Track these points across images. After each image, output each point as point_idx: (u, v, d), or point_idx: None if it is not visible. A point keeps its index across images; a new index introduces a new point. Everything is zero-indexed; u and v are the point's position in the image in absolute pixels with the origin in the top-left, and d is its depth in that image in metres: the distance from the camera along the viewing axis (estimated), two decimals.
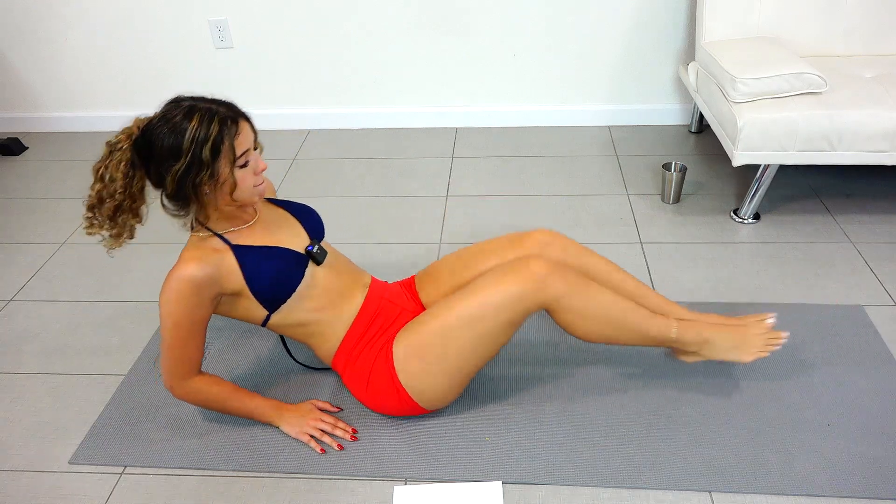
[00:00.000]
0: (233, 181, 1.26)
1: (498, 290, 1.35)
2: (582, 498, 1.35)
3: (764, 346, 1.46)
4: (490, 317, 1.35)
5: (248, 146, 1.27)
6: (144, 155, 1.26)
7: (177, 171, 1.22)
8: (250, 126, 1.29)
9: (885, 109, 1.92)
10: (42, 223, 2.37)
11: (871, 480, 1.35)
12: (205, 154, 1.21)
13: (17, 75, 2.91)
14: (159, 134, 1.22)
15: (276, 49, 2.78)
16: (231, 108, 1.26)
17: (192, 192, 1.26)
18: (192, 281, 1.28)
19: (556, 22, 2.64)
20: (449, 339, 1.37)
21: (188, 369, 1.38)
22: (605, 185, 2.43)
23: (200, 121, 1.21)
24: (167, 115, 1.23)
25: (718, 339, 1.46)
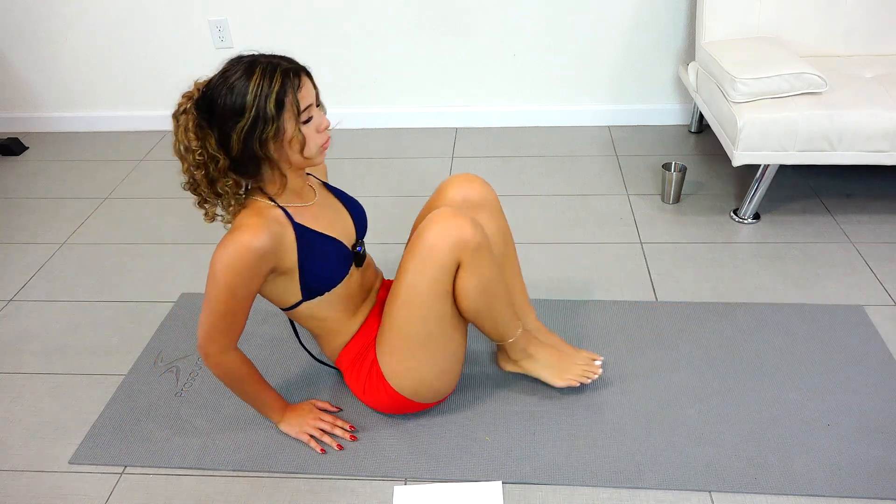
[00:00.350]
0: (301, 137, 1.21)
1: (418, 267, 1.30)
2: (582, 498, 1.36)
3: (578, 376, 1.52)
4: (427, 295, 1.31)
5: (310, 101, 1.22)
6: (208, 115, 1.19)
7: (242, 127, 1.16)
8: (311, 81, 1.24)
9: (885, 109, 1.92)
10: (42, 223, 2.37)
11: (871, 480, 1.35)
12: (269, 108, 1.15)
13: (17, 75, 2.91)
14: (221, 91, 1.17)
15: (276, 49, 2.77)
16: (292, 62, 1.21)
17: (259, 149, 1.19)
18: (256, 249, 1.21)
19: (556, 22, 2.64)
20: (405, 332, 1.35)
21: (231, 340, 1.31)
22: (605, 185, 2.43)
23: (263, 74, 1.16)
24: (227, 72, 1.18)
25: (541, 355, 1.52)
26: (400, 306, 1.34)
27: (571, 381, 1.51)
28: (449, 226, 1.28)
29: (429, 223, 1.30)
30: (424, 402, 1.47)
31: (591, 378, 1.52)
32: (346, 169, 2.63)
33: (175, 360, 1.73)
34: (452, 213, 1.30)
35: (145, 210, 2.42)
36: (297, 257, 1.29)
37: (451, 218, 1.29)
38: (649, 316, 1.80)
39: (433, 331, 1.35)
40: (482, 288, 1.33)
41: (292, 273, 1.31)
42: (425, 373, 1.40)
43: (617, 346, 1.70)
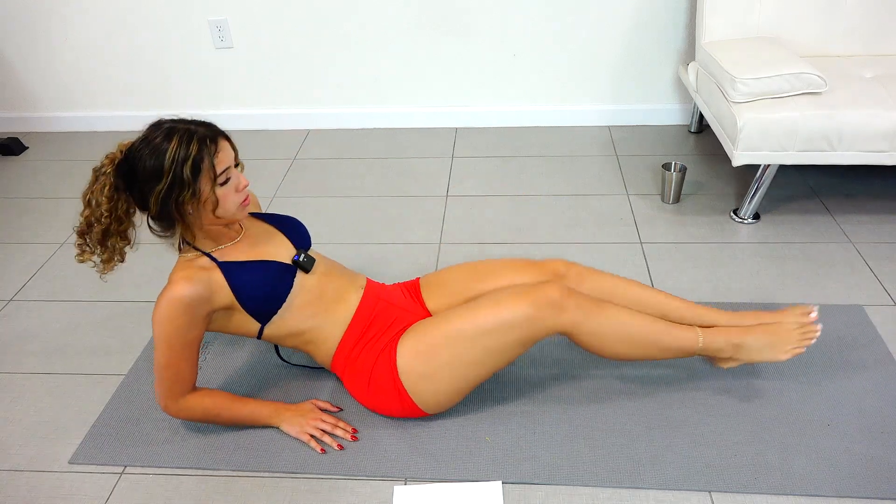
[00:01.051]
0: (215, 199, 1.29)
1: (513, 308, 1.36)
2: (582, 498, 1.35)
3: (798, 342, 1.44)
4: (502, 333, 1.36)
5: (228, 164, 1.29)
6: (128, 178, 1.29)
7: (159, 191, 1.25)
8: (230, 144, 1.32)
9: (885, 109, 1.92)
10: (42, 223, 2.37)
11: (871, 480, 1.35)
12: (185, 173, 1.24)
13: (17, 75, 2.91)
14: (141, 156, 1.26)
15: (276, 49, 2.78)
16: (210, 128, 1.29)
17: (175, 211, 1.29)
18: (182, 301, 1.30)
19: (556, 22, 2.64)
20: (457, 348, 1.37)
21: (182, 388, 1.39)
22: (605, 185, 2.43)
23: (180, 141, 1.24)
24: (148, 137, 1.27)
25: (750, 341, 1.45)
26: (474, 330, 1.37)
27: (796, 351, 1.43)
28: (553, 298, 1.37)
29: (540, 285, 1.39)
30: (425, 411, 1.47)
31: (812, 338, 1.45)
32: (346, 169, 2.63)
33: None
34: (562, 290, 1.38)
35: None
36: (232, 291, 1.36)
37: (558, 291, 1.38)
38: None
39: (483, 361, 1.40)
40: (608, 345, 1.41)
41: (235, 306, 1.38)
42: (444, 388, 1.42)
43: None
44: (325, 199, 2.43)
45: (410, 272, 2.02)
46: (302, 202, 2.42)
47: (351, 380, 1.48)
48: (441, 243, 2.16)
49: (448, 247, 2.14)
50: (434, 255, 2.10)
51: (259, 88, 2.89)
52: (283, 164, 2.68)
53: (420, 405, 1.44)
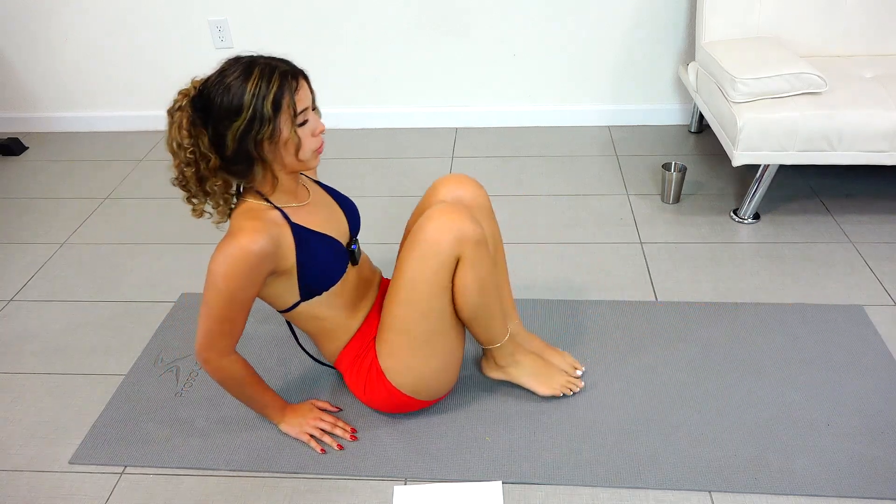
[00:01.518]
0: (297, 139, 1.21)
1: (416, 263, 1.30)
2: (582, 498, 1.35)
3: (562, 387, 1.54)
4: (426, 292, 1.31)
5: (307, 104, 1.22)
6: (203, 114, 1.19)
7: (238, 127, 1.16)
8: (308, 85, 1.24)
9: (885, 109, 1.92)
10: (42, 223, 2.37)
11: (871, 480, 1.35)
12: (266, 108, 1.15)
13: (17, 75, 2.91)
14: (218, 90, 1.16)
15: (276, 49, 2.78)
16: (290, 65, 1.21)
17: (254, 150, 1.20)
18: (255, 253, 1.20)
19: (556, 22, 2.64)
20: (405, 329, 1.35)
21: (229, 344, 1.30)
22: (605, 185, 2.43)
23: (261, 75, 1.16)
24: (225, 71, 1.18)
25: (526, 363, 1.54)
26: (399, 303, 1.34)
27: (556, 391, 1.54)
28: (449, 220, 1.28)
29: (428, 218, 1.30)
30: (423, 400, 1.47)
31: (573, 390, 1.55)
32: (346, 169, 2.63)
33: (175, 360, 1.73)
34: (452, 209, 1.30)
35: (145, 210, 2.42)
36: (296, 258, 1.29)
37: (450, 213, 1.29)
38: (649, 316, 1.80)
39: (433, 327, 1.36)
40: (480, 285, 1.34)
41: (291, 274, 1.30)
42: (425, 370, 1.40)
43: (617, 345, 1.70)
44: None
45: None
46: None
47: (351, 379, 1.48)
48: None
49: None
50: None
51: None
52: None
53: (415, 396, 1.44)
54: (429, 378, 1.42)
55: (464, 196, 1.49)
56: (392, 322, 1.36)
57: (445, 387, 1.48)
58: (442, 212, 1.30)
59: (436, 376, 1.43)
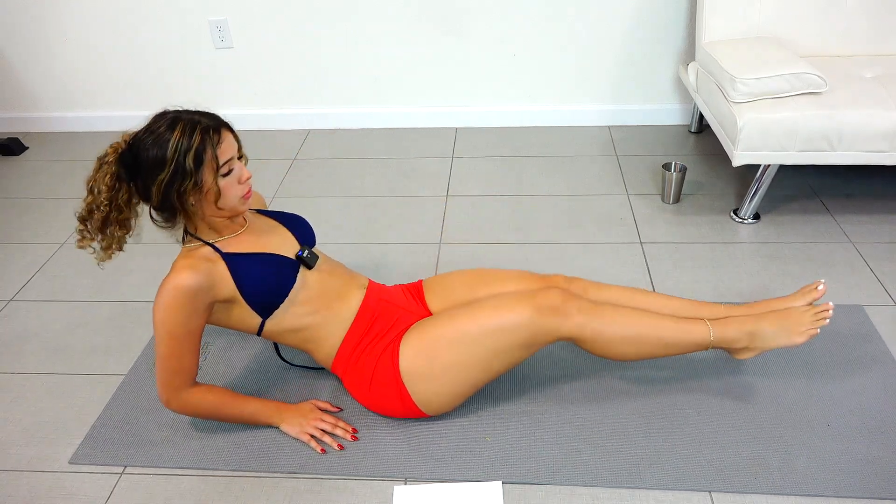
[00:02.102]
0: (217, 189, 1.29)
1: (515, 310, 1.36)
2: (582, 498, 1.35)
3: (812, 324, 1.42)
4: (504, 335, 1.36)
5: (231, 155, 1.30)
6: (131, 167, 1.29)
7: (161, 180, 1.25)
8: (233, 135, 1.32)
9: (885, 109, 1.92)
10: (42, 223, 2.37)
11: (871, 480, 1.35)
12: (188, 163, 1.24)
13: (17, 75, 2.91)
14: (144, 146, 1.26)
15: (276, 49, 2.78)
16: (213, 118, 1.30)
17: (177, 201, 1.29)
18: (185, 289, 1.30)
19: (556, 22, 2.64)
20: (460, 349, 1.37)
21: (183, 380, 1.38)
22: (605, 185, 2.43)
23: (183, 131, 1.24)
24: (151, 127, 1.27)
25: (764, 327, 1.43)
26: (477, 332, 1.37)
27: (811, 332, 1.41)
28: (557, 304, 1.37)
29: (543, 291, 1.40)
30: (426, 412, 1.47)
31: (826, 318, 1.42)
32: (346, 169, 2.63)
33: None
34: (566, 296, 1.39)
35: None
36: (234, 282, 1.35)
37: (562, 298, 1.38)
38: None
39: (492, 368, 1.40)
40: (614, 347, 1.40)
41: (237, 298, 1.37)
42: (446, 390, 1.42)
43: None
44: (325, 199, 2.43)
45: (411, 272, 2.02)
46: (302, 202, 2.42)
47: (352, 380, 1.48)
48: (441, 243, 2.16)
49: (448, 247, 2.14)
50: (434, 255, 2.09)
51: (259, 88, 2.89)
52: (284, 164, 2.68)
53: (421, 406, 1.44)
54: (445, 396, 1.44)
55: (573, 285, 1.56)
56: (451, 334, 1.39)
57: (450, 407, 1.49)
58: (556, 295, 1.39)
59: (450, 398, 1.45)
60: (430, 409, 1.45)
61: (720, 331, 1.43)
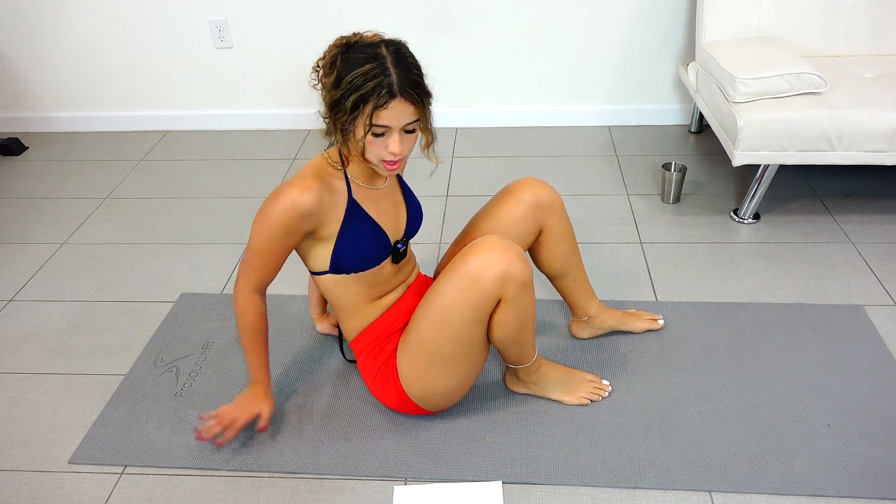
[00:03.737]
0: (362, 144, 1.22)
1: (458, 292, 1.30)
2: (582, 498, 1.35)
3: (589, 395, 1.55)
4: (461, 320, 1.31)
5: (391, 123, 1.19)
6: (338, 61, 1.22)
7: (333, 95, 1.21)
8: (413, 108, 1.20)
9: (885, 109, 1.92)
10: (42, 223, 2.37)
11: (871, 480, 1.35)
12: (349, 101, 1.18)
13: (17, 75, 2.91)
14: (345, 56, 1.20)
15: (276, 49, 2.78)
16: (404, 78, 1.18)
17: (334, 121, 1.24)
18: (298, 208, 1.25)
19: (556, 22, 2.64)
20: (430, 346, 1.36)
21: (256, 279, 1.35)
22: (605, 185, 2.43)
23: (366, 73, 1.16)
24: (361, 43, 1.21)
25: (551, 374, 1.54)
26: (431, 322, 1.34)
27: (583, 399, 1.54)
28: (498, 258, 1.27)
29: (475, 250, 1.29)
30: (428, 410, 1.48)
31: (600, 396, 1.55)
32: None
33: (175, 360, 1.73)
34: (502, 245, 1.28)
35: (145, 210, 2.42)
36: (339, 229, 1.32)
37: (501, 250, 1.28)
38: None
39: (458, 353, 1.37)
40: (520, 322, 1.35)
41: (328, 241, 1.33)
42: (440, 387, 1.41)
43: (617, 346, 1.70)
44: None
45: None
46: None
47: (363, 364, 1.48)
48: (441, 243, 2.16)
49: (448, 246, 2.13)
50: (434, 255, 2.09)
51: (259, 88, 2.88)
52: (284, 165, 2.68)
53: (423, 406, 1.45)
54: (441, 394, 1.43)
55: (543, 198, 1.52)
56: (418, 336, 1.36)
57: (454, 402, 1.49)
58: (491, 246, 1.28)
59: (448, 395, 1.44)
60: (430, 406, 1.46)
61: (535, 360, 1.50)
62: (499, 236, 1.32)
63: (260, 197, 2.46)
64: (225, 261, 2.12)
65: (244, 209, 2.39)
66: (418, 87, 1.20)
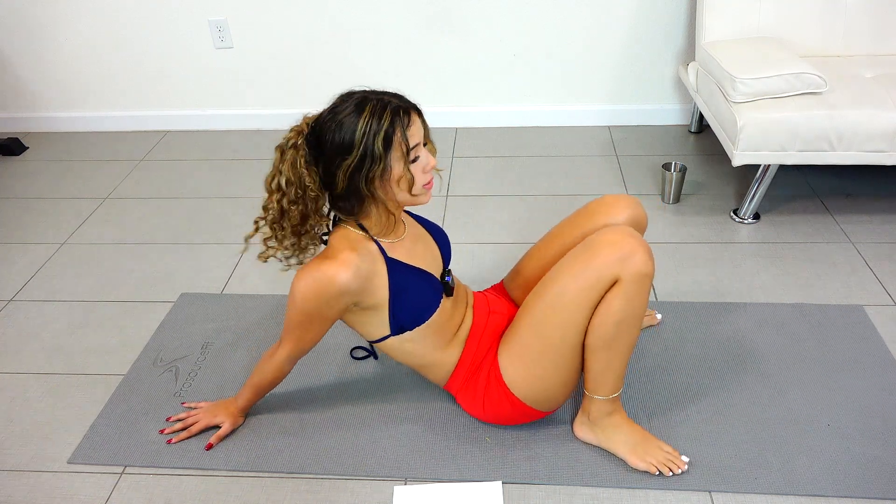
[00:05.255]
0: (410, 176, 1.18)
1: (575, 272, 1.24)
2: (582, 498, 1.35)
3: (659, 463, 1.37)
4: (574, 302, 1.24)
5: (418, 140, 1.19)
6: (316, 151, 1.19)
7: (349, 165, 1.15)
8: (422, 119, 1.22)
9: (885, 109, 1.92)
10: (42, 223, 2.37)
11: (871, 480, 1.35)
12: (377, 146, 1.14)
13: (17, 75, 2.91)
14: (330, 127, 1.16)
15: (276, 49, 2.78)
16: (402, 99, 1.20)
17: (364, 187, 1.18)
18: (338, 286, 1.20)
19: (556, 22, 2.64)
20: (541, 335, 1.29)
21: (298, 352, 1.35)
22: (605, 185, 2.43)
23: (372, 112, 1.14)
24: (337, 108, 1.18)
25: (625, 427, 1.40)
26: (544, 308, 1.28)
27: (651, 466, 1.37)
28: (625, 242, 1.21)
29: (604, 233, 1.24)
30: (544, 410, 1.42)
31: (674, 471, 1.37)
32: None
33: (174, 360, 1.73)
34: (632, 234, 1.23)
35: (145, 210, 2.42)
36: (389, 293, 1.26)
37: (629, 236, 1.23)
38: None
39: (568, 339, 1.28)
40: (622, 318, 1.24)
41: (381, 308, 1.28)
42: (549, 380, 1.34)
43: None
44: None
45: None
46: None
47: (465, 400, 1.44)
48: None
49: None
50: None
51: (259, 88, 2.89)
52: None
53: (537, 407, 1.40)
54: (551, 388, 1.36)
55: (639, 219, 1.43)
56: (529, 322, 1.30)
57: (562, 400, 1.42)
58: (621, 231, 1.24)
59: (563, 388, 1.37)
60: (545, 405, 1.40)
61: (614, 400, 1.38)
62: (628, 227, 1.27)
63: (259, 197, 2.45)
64: (225, 261, 2.12)
65: (244, 209, 2.40)
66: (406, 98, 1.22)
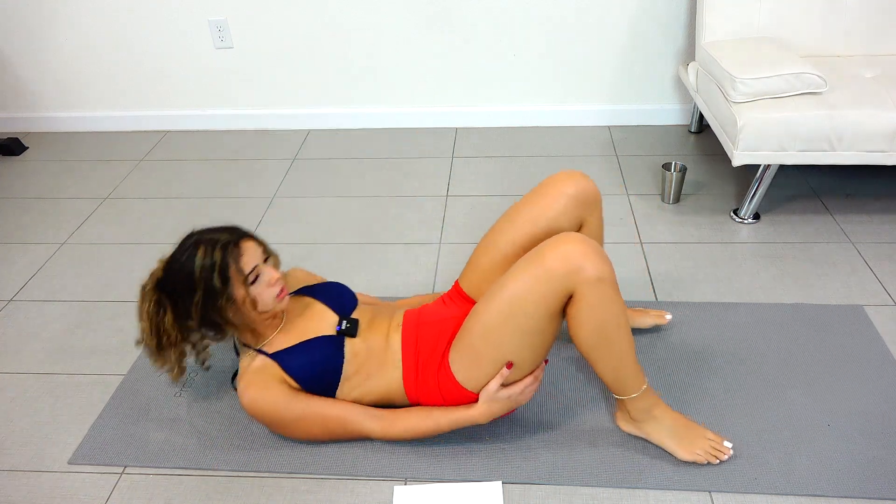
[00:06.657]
0: (252, 298, 1.33)
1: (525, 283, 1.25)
2: (582, 498, 1.35)
3: (705, 453, 1.38)
4: (525, 312, 1.26)
5: (255, 262, 1.33)
6: (171, 292, 1.35)
7: (196, 302, 1.31)
8: (255, 242, 1.36)
9: (885, 109, 1.92)
10: (42, 223, 2.37)
11: (871, 480, 1.35)
12: (215, 281, 1.29)
13: (17, 75, 2.91)
14: (174, 271, 1.33)
15: (276, 49, 2.78)
16: (233, 231, 1.35)
17: (218, 318, 1.34)
18: (265, 401, 1.36)
19: (556, 22, 2.64)
20: (495, 341, 1.30)
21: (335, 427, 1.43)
22: (605, 185, 2.43)
23: (205, 252, 1.30)
24: (178, 252, 1.34)
25: (667, 419, 1.40)
26: (496, 315, 1.28)
27: (698, 457, 1.38)
28: (573, 250, 1.23)
29: (552, 243, 1.25)
30: None
31: (720, 458, 1.39)
32: (346, 169, 2.63)
33: None
34: (580, 240, 1.24)
35: (145, 210, 2.42)
36: (293, 379, 1.39)
37: (577, 243, 1.24)
38: None
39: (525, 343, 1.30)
40: (599, 325, 1.26)
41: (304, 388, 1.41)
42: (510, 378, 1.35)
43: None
44: (325, 199, 2.43)
45: (410, 272, 2.02)
46: (302, 202, 2.42)
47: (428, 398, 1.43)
48: (441, 243, 2.16)
49: (448, 247, 2.13)
50: (434, 255, 2.10)
51: (259, 88, 2.89)
52: (283, 164, 2.68)
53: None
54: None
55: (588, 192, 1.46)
56: (482, 332, 1.30)
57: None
58: (567, 240, 1.24)
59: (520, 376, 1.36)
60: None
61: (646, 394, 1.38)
62: (577, 234, 1.27)
63: (259, 197, 2.46)
64: None
65: (244, 209, 2.40)
66: (237, 229, 1.37)
